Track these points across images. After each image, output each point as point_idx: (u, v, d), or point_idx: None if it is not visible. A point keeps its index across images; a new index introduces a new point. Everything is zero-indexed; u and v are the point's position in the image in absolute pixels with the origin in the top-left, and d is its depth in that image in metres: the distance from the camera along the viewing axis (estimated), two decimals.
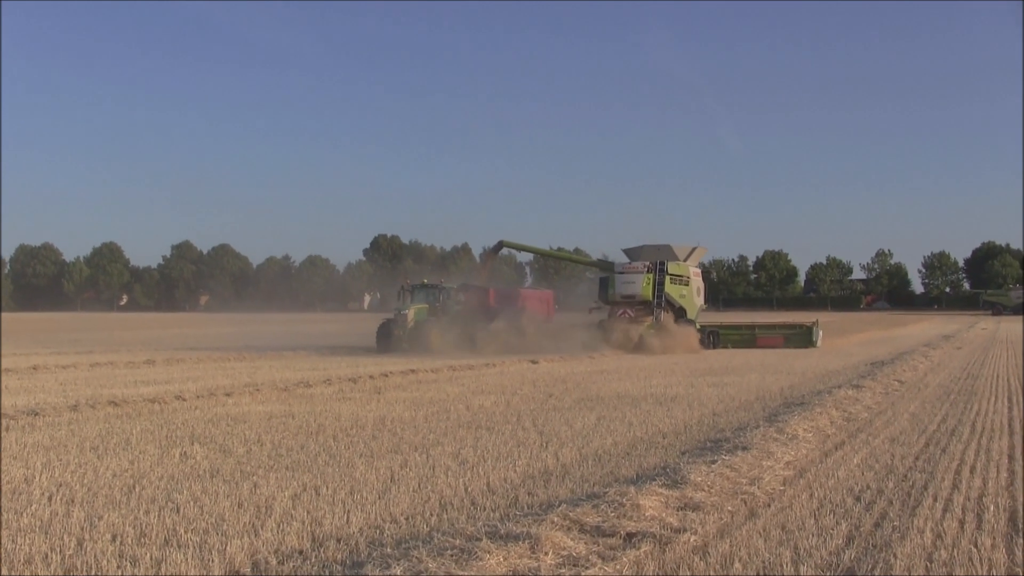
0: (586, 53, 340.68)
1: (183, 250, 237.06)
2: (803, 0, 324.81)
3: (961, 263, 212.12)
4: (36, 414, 18.76)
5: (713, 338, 51.44)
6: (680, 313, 49.80)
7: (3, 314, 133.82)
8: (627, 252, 52.86)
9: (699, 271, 53.37)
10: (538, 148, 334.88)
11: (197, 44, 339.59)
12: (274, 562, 8.63)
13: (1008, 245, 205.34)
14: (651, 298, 48.61)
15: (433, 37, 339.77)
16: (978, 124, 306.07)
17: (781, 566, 8.46)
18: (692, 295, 50.93)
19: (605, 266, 53.40)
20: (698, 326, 50.72)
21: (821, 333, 53.29)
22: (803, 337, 52.26)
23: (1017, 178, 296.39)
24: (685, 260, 51.40)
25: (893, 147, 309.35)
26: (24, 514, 10.24)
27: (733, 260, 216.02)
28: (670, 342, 46.46)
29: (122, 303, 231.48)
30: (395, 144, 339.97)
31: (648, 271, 48.95)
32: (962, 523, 10.03)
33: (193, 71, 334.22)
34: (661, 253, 50.72)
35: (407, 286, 51.41)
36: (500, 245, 59.89)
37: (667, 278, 49.10)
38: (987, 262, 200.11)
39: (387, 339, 48.02)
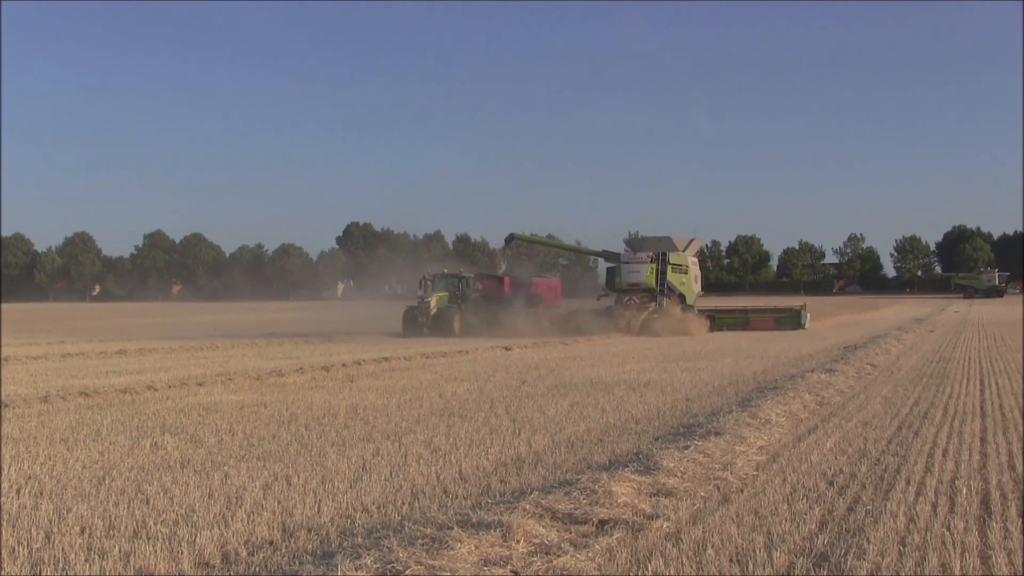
0: (557, 36, 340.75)
1: (156, 239, 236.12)
2: None
3: (933, 247, 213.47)
4: (6, 406, 18.57)
5: (710, 322, 53.64)
6: (680, 299, 53.25)
7: None
8: (630, 243, 57.59)
9: (696, 260, 56.88)
10: (509, 133, 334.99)
11: (168, 32, 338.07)
12: (244, 553, 8.56)
13: (979, 229, 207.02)
14: (654, 286, 52.25)
15: (403, 23, 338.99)
16: (949, 109, 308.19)
17: (754, 551, 8.44)
18: (691, 282, 54.72)
19: (611, 257, 56.42)
20: (696, 311, 53.88)
21: (809, 315, 55.99)
22: (792, 319, 55.20)
23: (987, 162, 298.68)
24: (684, 250, 54.77)
25: (864, 131, 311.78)
26: None
27: (707, 245, 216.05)
28: (675, 326, 49.67)
29: (95, 293, 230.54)
30: (367, 132, 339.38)
31: (651, 261, 52.53)
32: (935, 506, 10.03)
33: (164, 59, 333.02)
34: (662, 244, 53.99)
35: (428, 276, 55.19)
36: (511, 237, 64.08)
37: (668, 267, 52.61)
38: (958, 246, 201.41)
39: (412, 325, 51.56)
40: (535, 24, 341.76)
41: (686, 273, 54.19)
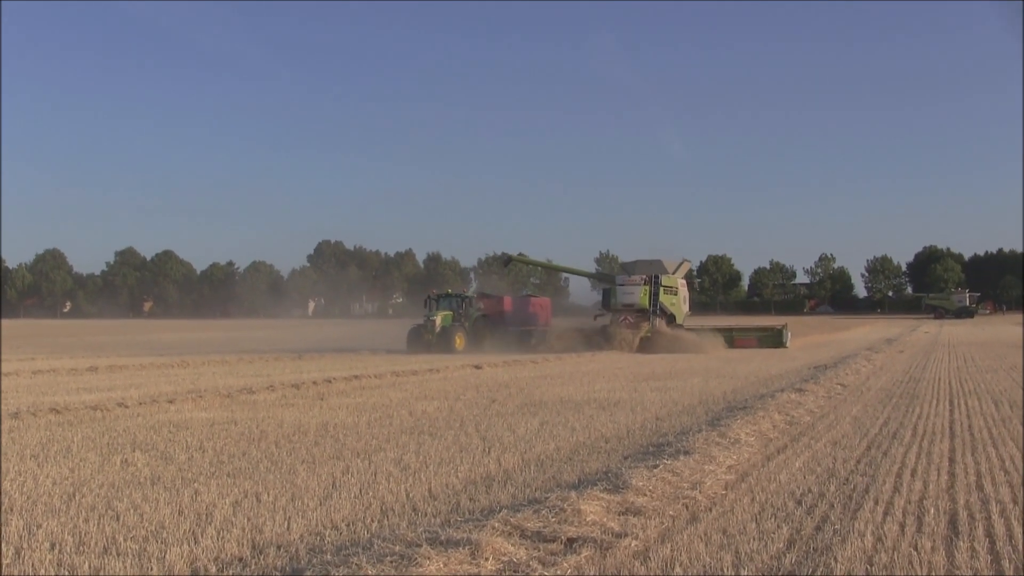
0: (527, 55, 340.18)
1: (127, 256, 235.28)
2: (741, 0, 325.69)
3: (903, 267, 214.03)
4: None
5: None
6: (670, 319, 56.22)
7: None
8: (624, 266, 61.23)
9: (685, 282, 59.85)
10: (479, 153, 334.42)
11: (139, 48, 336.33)
12: (213, 569, 8.56)
13: (949, 249, 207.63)
14: (647, 306, 54.88)
15: (372, 41, 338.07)
16: (919, 129, 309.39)
17: (722, 570, 8.49)
18: (680, 303, 57.74)
19: (606, 279, 61.49)
20: (685, 329, 56.64)
21: (790, 334, 58.00)
22: (775, 338, 57.24)
23: (958, 183, 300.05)
24: (674, 273, 57.87)
25: (835, 152, 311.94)
26: None
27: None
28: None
29: (65, 310, 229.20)
30: (338, 150, 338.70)
31: (644, 283, 55.26)
32: (902, 526, 10.10)
33: (135, 75, 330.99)
34: (653, 267, 57.04)
35: (433, 295, 58.19)
36: (508, 259, 69.72)
37: (660, 289, 55.41)
38: (929, 266, 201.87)
39: (417, 342, 53.75)
40: (505, 45, 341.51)
41: (676, 294, 57.04)
